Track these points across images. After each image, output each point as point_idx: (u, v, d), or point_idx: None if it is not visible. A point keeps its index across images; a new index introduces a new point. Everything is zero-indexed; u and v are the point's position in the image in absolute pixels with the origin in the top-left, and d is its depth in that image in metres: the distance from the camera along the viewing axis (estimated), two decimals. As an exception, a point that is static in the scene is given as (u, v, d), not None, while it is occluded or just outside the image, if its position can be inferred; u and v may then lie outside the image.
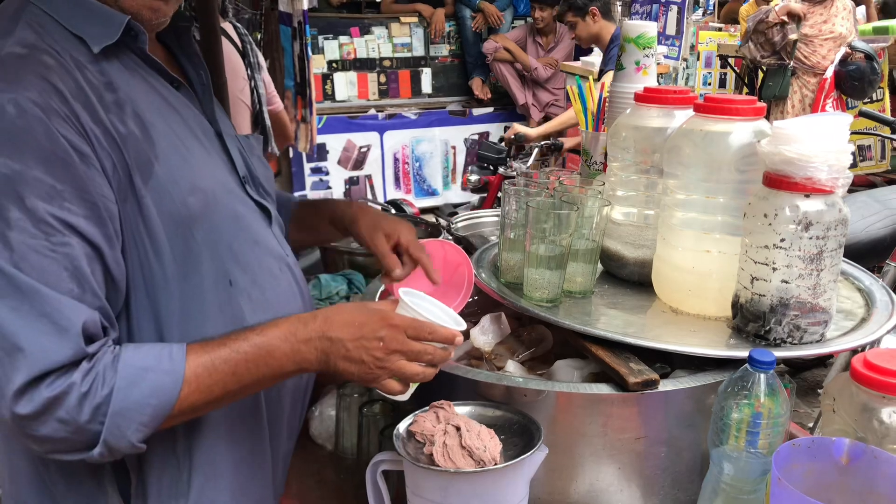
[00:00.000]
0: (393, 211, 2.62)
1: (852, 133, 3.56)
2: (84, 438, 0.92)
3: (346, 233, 1.41)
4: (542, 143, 4.09)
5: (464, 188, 4.33)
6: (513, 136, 4.03)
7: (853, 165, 4.60)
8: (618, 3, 5.48)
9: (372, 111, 6.46)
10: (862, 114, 3.42)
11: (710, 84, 6.85)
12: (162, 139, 1.04)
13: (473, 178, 4.21)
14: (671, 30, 6.06)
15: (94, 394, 0.91)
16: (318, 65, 6.42)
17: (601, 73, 3.89)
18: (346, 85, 6.55)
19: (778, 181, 1.22)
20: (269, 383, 1.05)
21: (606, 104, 1.77)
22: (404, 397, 1.10)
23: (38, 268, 0.89)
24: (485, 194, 4.22)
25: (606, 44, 3.98)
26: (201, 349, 0.98)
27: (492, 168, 4.14)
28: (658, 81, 1.68)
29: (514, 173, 4.06)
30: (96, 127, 0.96)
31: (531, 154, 4.11)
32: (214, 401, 1.00)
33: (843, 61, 4.48)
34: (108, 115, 0.98)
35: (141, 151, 1.00)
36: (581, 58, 5.72)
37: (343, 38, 6.57)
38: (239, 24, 3.00)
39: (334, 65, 6.55)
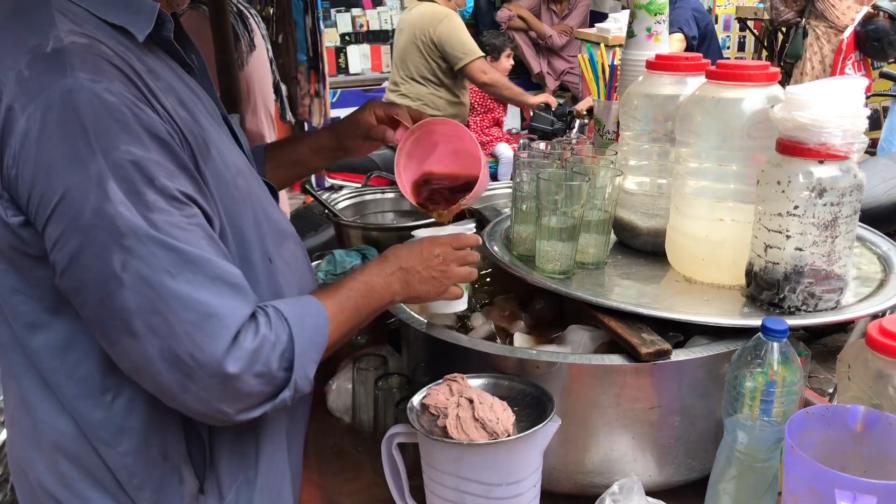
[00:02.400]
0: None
1: (872, 95, 3.50)
2: (276, 386, 0.97)
3: (332, 151, 1.49)
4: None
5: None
6: (569, 113, 3.88)
7: (876, 127, 4.52)
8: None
9: (386, 83, 6.42)
10: (882, 75, 3.35)
11: (728, 48, 6.74)
12: (205, 123, 1.05)
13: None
14: (687, -7, 5.95)
15: (279, 341, 0.97)
16: (330, 38, 6.40)
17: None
18: (359, 58, 6.52)
19: (791, 147, 1.20)
20: (375, 316, 1.18)
21: (618, 72, 1.75)
22: (463, 304, 1.31)
23: (187, 240, 0.92)
24: None
25: None
26: (325, 294, 1.09)
27: (545, 137, 4.05)
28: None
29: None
30: (163, 112, 0.96)
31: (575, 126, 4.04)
32: (344, 335, 1.10)
33: (865, 21, 4.38)
34: (167, 99, 0.98)
35: (197, 136, 1.01)
36: (596, 24, 5.63)
37: (355, 11, 6.53)
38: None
39: (347, 38, 6.53)
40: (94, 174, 0.87)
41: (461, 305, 1.31)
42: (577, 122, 3.87)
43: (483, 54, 4.26)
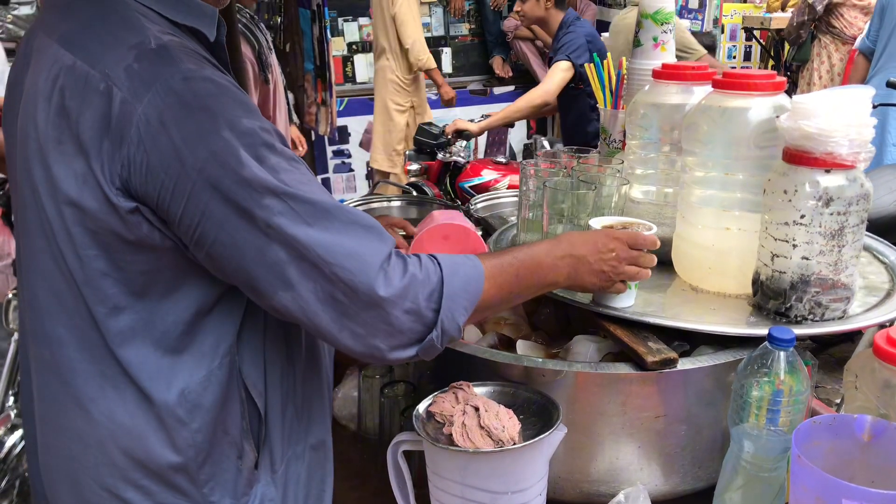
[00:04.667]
0: (414, 193, 2.62)
1: (880, 105, 3.50)
2: (425, 325, 1.00)
3: None
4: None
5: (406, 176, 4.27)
6: (452, 133, 3.95)
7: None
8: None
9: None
10: (889, 84, 3.35)
11: (734, 57, 6.75)
12: None
13: (414, 166, 4.14)
14: (694, 3, 5.97)
15: (429, 280, 1.00)
16: (337, 47, 6.42)
17: (550, 60, 3.78)
18: (366, 67, 6.54)
19: (798, 157, 1.21)
20: (534, 293, 1.18)
21: (625, 81, 1.76)
22: (630, 301, 1.30)
23: (314, 193, 0.96)
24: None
25: (554, 30, 3.86)
26: (486, 255, 1.11)
27: (429, 153, 4.09)
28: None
29: (456, 159, 3.98)
30: None
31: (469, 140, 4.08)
32: (502, 299, 1.11)
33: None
34: None
35: None
36: (602, 33, 5.65)
37: (363, 20, 6.55)
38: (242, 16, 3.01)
39: (354, 47, 6.54)
40: (225, 145, 0.91)
41: (628, 301, 1.30)
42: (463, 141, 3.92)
43: (705, 53, 4.36)
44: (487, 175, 3.87)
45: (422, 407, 1.14)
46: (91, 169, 0.92)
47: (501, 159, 4.08)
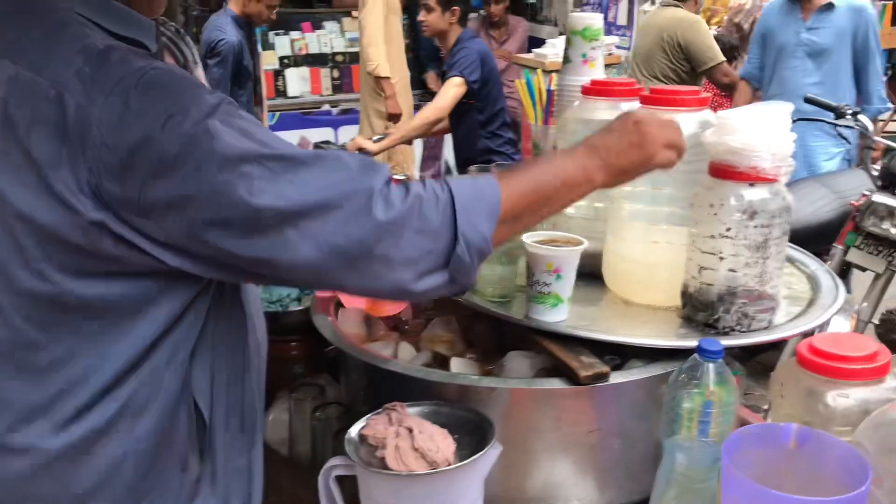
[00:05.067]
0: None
1: (799, 119, 3.64)
2: (444, 243, 0.96)
3: None
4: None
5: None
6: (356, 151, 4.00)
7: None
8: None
9: (326, 107, 6.40)
10: (807, 100, 3.48)
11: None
12: None
13: None
14: (622, 20, 6.11)
15: (436, 196, 0.96)
16: (269, 61, 6.35)
17: (444, 76, 3.82)
18: (298, 81, 6.48)
19: (723, 171, 1.24)
20: (566, 198, 1.10)
21: (555, 97, 1.77)
22: (562, 315, 1.28)
23: (292, 148, 0.93)
24: None
25: (450, 45, 3.91)
26: (506, 172, 1.08)
27: None
28: (614, 73, 1.69)
29: None
30: None
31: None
32: (530, 207, 1.05)
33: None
34: None
35: None
36: (534, 50, 5.73)
37: (294, 34, 6.50)
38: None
39: (286, 60, 6.48)
40: (194, 122, 0.88)
41: (560, 315, 1.28)
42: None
43: (725, 59, 4.44)
44: None
45: (354, 430, 1.11)
46: (46, 180, 0.88)
47: (399, 176, 4.12)
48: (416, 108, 4.95)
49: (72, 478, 0.98)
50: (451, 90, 3.70)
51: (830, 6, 3.65)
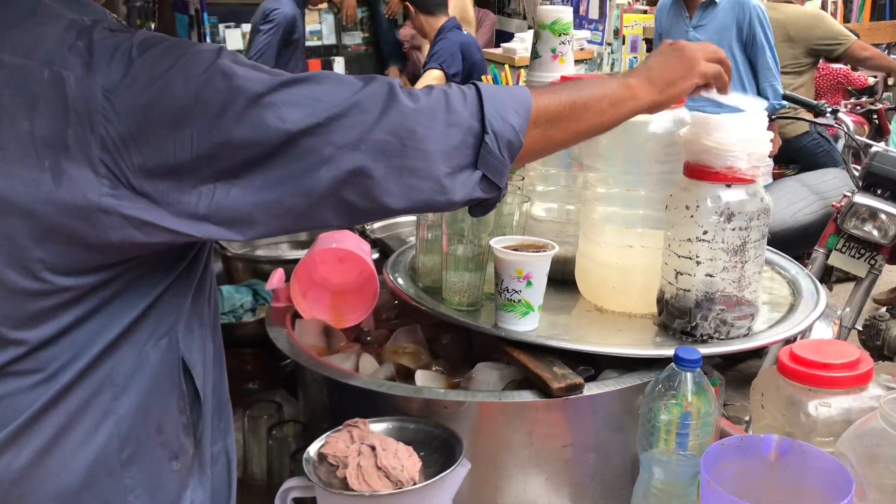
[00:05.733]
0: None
1: (779, 118, 3.71)
2: (473, 134, 0.99)
3: None
4: None
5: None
6: None
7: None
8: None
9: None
10: (786, 97, 3.56)
11: (635, 69, 7.00)
12: None
13: None
14: (594, 13, 6.18)
15: (462, 92, 1.00)
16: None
17: (425, 66, 3.82)
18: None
19: (699, 171, 1.26)
20: (608, 114, 1.12)
21: (524, 94, 1.79)
22: (533, 324, 1.31)
23: (302, 75, 0.95)
24: None
25: (433, 38, 3.92)
26: (542, 89, 1.10)
27: None
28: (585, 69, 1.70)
29: None
30: None
31: None
32: (565, 111, 1.08)
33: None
34: None
35: None
36: (502, 44, 5.77)
37: (246, 27, 6.44)
38: None
39: (238, 55, 6.44)
40: (204, 67, 0.90)
41: (531, 324, 1.31)
42: None
43: (856, 37, 4.52)
44: None
45: (313, 449, 1.11)
46: (52, 170, 0.87)
47: None
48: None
49: (52, 472, 0.96)
50: (429, 84, 3.69)
51: (712, 2, 3.73)
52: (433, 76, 3.67)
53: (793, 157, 4.43)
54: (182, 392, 1.02)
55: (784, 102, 3.69)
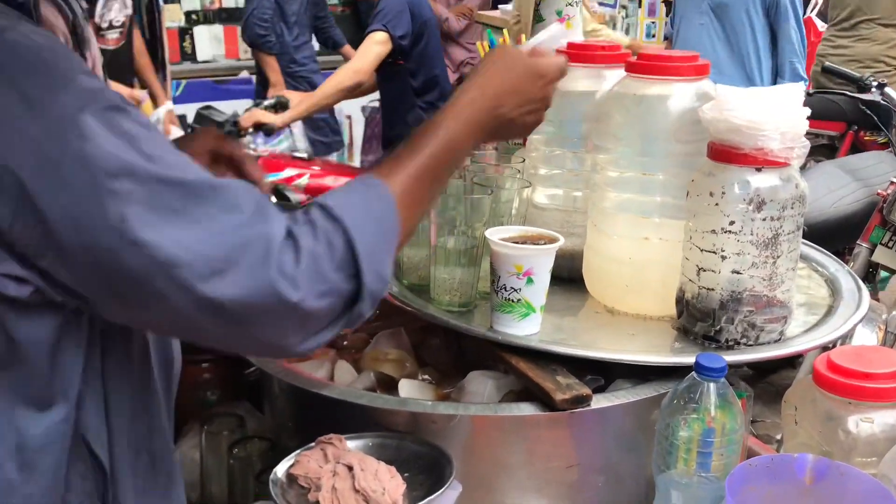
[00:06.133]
0: (273, 198, 2.58)
1: (816, 91, 3.73)
2: (344, 297, 0.98)
3: None
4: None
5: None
6: (250, 128, 3.89)
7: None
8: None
9: (244, 73, 6.35)
10: (825, 69, 3.58)
11: (654, 35, 7.03)
12: None
13: None
14: (605, -26, 6.19)
15: (332, 248, 0.97)
16: (172, 17, 6.28)
17: (368, 28, 3.74)
18: (209, 42, 6.44)
19: (724, 153, 1.26)
20: (453, 173, 1.20)
21: (525, 63, 1.79)
22: (534, 328, 1.32)
23: (183, 167, 0.92)
24: None
25: None
26: (395, 167, 1.08)
27: None
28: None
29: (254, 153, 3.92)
30: None
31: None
32: (422, 213, 1.13)
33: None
34: None
35: None
36: (499, 6, 5.77)
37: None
38: None
39: (194, 16, 6.44)
40: (61, 112, 0.86)
41: (531, 327, 1.32)
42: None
43: None
44: (289, 172, 3.94)
45: (281, 469, 1.12)
46: None
47: (302, 155, 4.17)
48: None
49: None
50: (373, 48, 3.61)
51: None
52: (377, 39, 3.61)
53: None
54: (84, 458, 1.02)
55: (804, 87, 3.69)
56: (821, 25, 5.41)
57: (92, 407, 1.02)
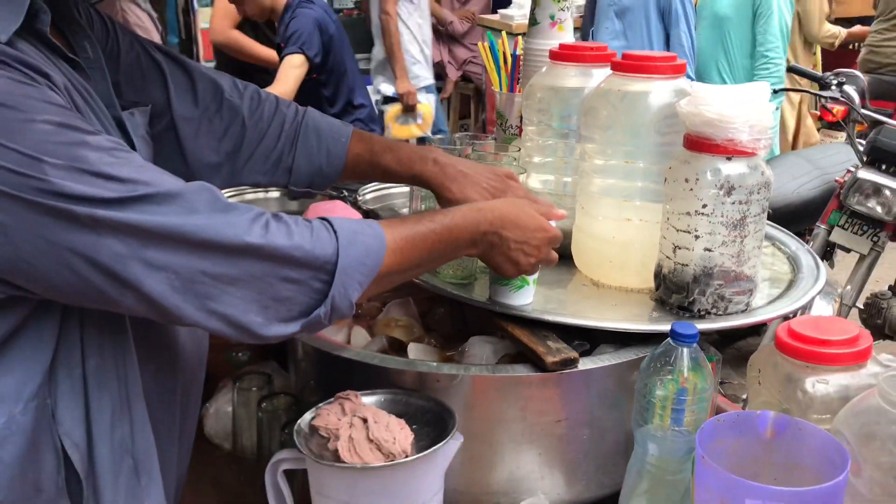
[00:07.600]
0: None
1: (782, 90, 3.71)
2: (311, 297, 0.99)
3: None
4: None
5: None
6: None
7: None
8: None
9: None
10: (790, 69, 3.56)
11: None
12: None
13: None
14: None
15: (321, 248, 0.98)
16: (206, 19, 6.24)
17: (279, 49, 3.58)
18: (240, 41, 6.37)
19: (699, 143, 1.26)
20: (444, 262, 1.25)
21: (521, 62, 1.79)
22: (528, 298, 1.33)
23: (155, 181, 0.91)
24: None
25: (280, 13, 3.61)
26: (397, 223, 1.11)
27: None
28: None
29: None
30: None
31: None
32: (404, 272, 1.11)
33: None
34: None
35: None
36: (499, 10, 5.74)
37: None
38: None
39: (228, 18, 6.37)
40: (19, 156, 0.83)
41: (526, 298, 1.32)
42: None
43: None
44: None
45: (304, 421, 1.12)
46: None
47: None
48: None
49: None
50: (292, 72, 3.48)
51: None
52: (295, 63, 3.47)
53: None
54: (57, 453, 0.98)
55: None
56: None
57: (67, 404, 0.98)
